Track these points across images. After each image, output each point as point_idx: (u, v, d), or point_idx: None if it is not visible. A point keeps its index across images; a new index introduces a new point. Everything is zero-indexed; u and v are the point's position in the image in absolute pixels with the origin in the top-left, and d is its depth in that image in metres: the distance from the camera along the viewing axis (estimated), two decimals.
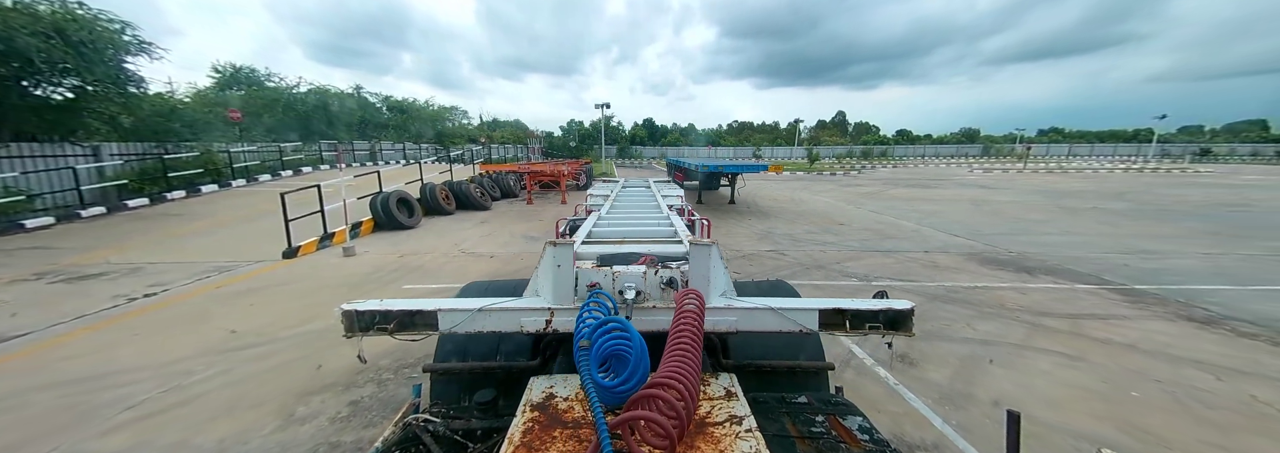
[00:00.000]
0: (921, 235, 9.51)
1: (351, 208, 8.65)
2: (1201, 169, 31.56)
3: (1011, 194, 17.38)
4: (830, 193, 17.60)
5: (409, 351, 4.08)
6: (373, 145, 28.59)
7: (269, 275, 6.61)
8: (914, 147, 65.99)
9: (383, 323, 1.75)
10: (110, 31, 12.67)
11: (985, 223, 11.01)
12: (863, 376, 3.72)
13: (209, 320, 4.93)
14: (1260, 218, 11.72)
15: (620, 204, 5.19)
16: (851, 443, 1.44)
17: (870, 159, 51.23)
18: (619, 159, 54.90)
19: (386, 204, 9.85)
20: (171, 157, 14.68)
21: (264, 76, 27.65)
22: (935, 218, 11.66)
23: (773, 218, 11.77)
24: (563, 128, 65.23)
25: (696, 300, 1.49)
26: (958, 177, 26.36)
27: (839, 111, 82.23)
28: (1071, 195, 16.82)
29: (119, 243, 8.60)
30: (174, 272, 6.76)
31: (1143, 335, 4.51)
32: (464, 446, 1.49)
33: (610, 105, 28.11)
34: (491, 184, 15.09)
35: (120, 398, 3.46)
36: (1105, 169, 31.74)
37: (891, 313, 1.73)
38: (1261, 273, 6.71)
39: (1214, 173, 28.50)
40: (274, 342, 4.37)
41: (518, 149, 38.76)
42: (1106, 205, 14.05)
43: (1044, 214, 12.40)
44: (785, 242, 8.86)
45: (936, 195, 16.90)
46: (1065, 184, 21.43)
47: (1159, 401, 3.39)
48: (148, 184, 13.50)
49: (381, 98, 34.72)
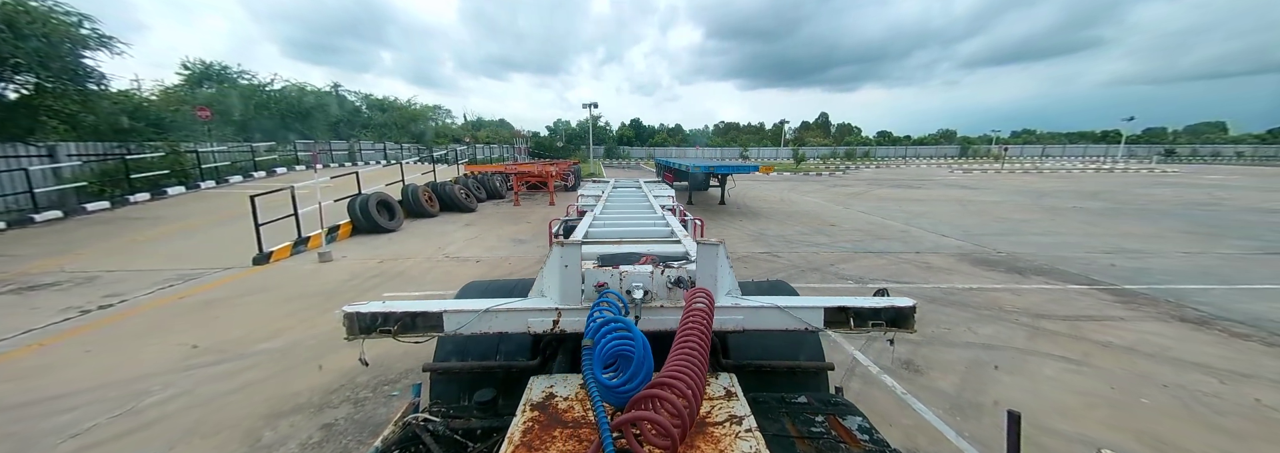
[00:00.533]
0: (911, 236, 9.52)
1: (328, 211, 8.26)
2: (1168, 169, 32.74)
3: (994, 194, 17.69)
4: (818, 193, 17.66)
5: (389, 366, 3.81)
6: (352, 145, 27.77)
7: (237, 284, 6.22)
8: (896, 147, 67.21)
9: (386, 325, 1.71)
10: (67, 25, 11.96)
11: (972, 223, 11.11)
12: (870, 385, 3.59)
13: (169, 334, 4.57)
14: (1230, 216, 12.08)
15: (613, 205, 5.13)
16: (851, 443, 1.44)
17: (853, 160, 51.94)
18: (606, 159, 54.63)
19: (365, 207, 9.46)
20: (135, 157, 13.95)
21: (236, 73, 26.64)
22: (923, 218, 11.72)
23: (764, 219, 11.69)
24: (549, 128, 64.61)
25: (706, 299, 1.48)
26: (939, 177, 26.81)
27: (822, 113, 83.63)
28: (1051, 195, 17.18)
29: (75, 249, 8.05)
30: (133, 281, 6.32)
31: (1140, 338, 4.49)
32: (464, 445, 1.48)
33: (598, 105, 27.81)
34: (477, 185, 14.72)
35: (66, 425, 3.12)
36: (1078, 169, 32.70)
37: (894, 310, 1.75)
38: (1242, 272, 6.84)
39: (1180, 173, 29.59)
40: (240, 358, 4.05)
41: (504, 149, 38.10)
42: (1085, 205, 14.36)
43: (1027, 214, 12.59)
44: (778, 243, 8.76)
45: (922, 196, 17.09)
46: (1044, 184, 21.94)
47: (1169, 407, 3.33)
48: (109, 186, 12.78)
49: (361, 96, 33.85)
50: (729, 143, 70.17)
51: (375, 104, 33.36)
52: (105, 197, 12.34)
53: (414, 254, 7.87)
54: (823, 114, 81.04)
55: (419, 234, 9.62)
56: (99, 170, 13.11)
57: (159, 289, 5.99)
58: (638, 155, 59.93)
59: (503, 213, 12.66)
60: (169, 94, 21.61)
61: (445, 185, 12.63)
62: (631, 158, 57.52)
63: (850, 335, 4.33)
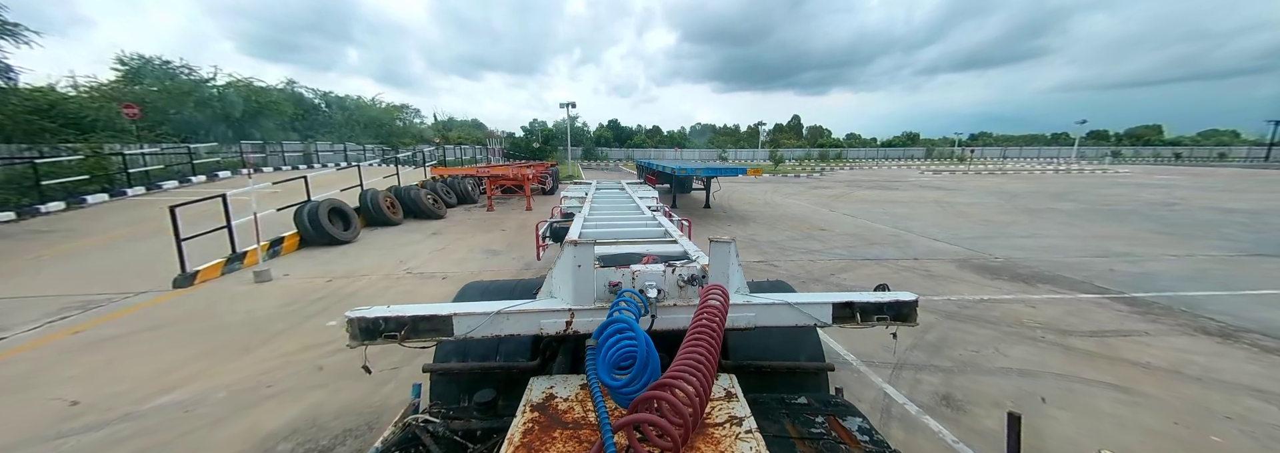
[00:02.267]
0: (903, 240, 9.23)
1: (272, 221, 7.26)
2: (1120, 170, 34.46)
3: (968, 195, 17.89)
4: (801, 195, 17.43)
5: (323, 428, 3.03)
6: (308, 146, 25.97)
7: (147, 313, 5.22)
8: (865, 149, 68.98)
9: (392, 330, 1.62)
10: None
11: (958, 226, 10.97)
12: (914, 431, 3.05)
13: (45, 386, 3.63)
14: (1196, 215, 12.41)
15: (599, 206, 5.09)
16: (851, 444, 1.43)
17: (826, 161, 52.86)
18: (585, 161, 53.71)
19: (315, 216, 8.45)
20: (48, 161, 12.33)
21: (178, 69, 24.47)
22: (910, 222, 11.53)
23: (753, 223, 11.23)
24: (525, 128, 63.23)
25: (721, 296, 1.47)
26: (911, 178, 27.26)
27: (794, 115, 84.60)
28: (1022, 196, 17.50)
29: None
30: (19, 311, 5.24)
31: (1176, 357, 4.15)
32: (464, 446, 1.47)
33: (576, 104, 26.95)
34: (446, 189, 13.73)
35: None
36: (1038, 170, 34.00)
37: (897, 305, 1.77)
38: (1236, 276, 6.76)
39: (1132, 173, 31.11)
40: (128, 419, 3.18)
41: (476, 150, 36.60)
42: (1057, 206, 14.58)
43: (1007, 215, 12.61)
44: (772, 250, 8.28)
45: (901, 197, 17.09)
46: (1011, 185, 22.50)
47: (1245, 446, 2.93)
48: (14, 195, 11.20)
49: (319, 94, 31.77)
50: (707, 144, 70.50)
51: (335, 102, 31.38)
52: (10, 207, 10.78)
53: (370, 270, 6.98)
54: (795, 117, 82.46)
55: (378, 246, 8.67)
56: (2, 176, 11.49)
57: (48, 322, 4.94)
58: (617, 157, 59.29)
59: (474, 220, 11.76)
60: (101, 91, 19.56)
61: (410, 190, 11.64)
62: (610, 159, 56.73)
63: (875, 367, 3.82)
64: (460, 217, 12.22)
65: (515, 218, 11.97)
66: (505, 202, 15.12)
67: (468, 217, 12.25)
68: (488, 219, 11.83)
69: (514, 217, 12.20)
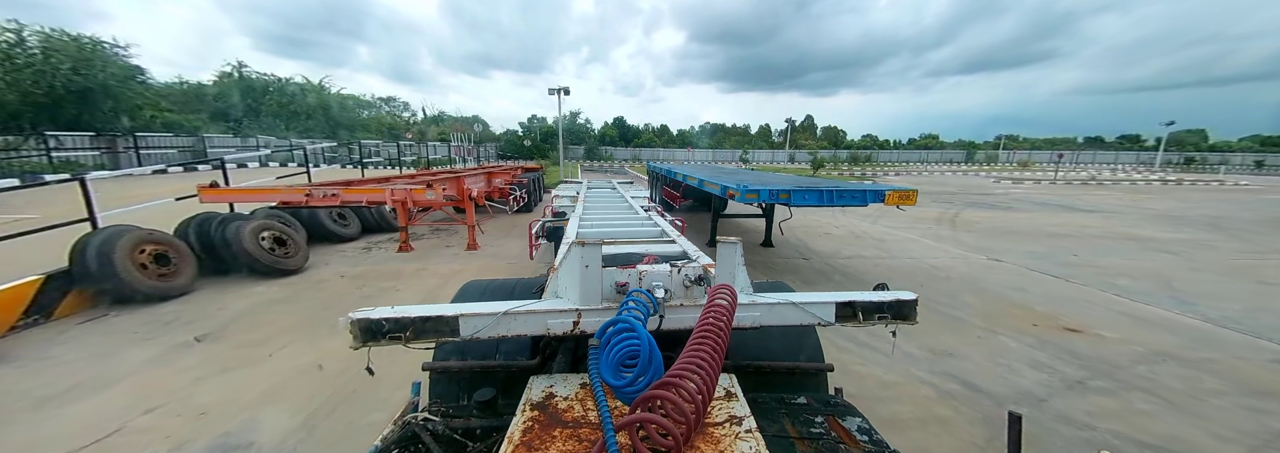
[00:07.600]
0: (1190, 329, 3.69)
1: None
2: (1242, 181, 28.44)
3: (1126, 219, 12.32)
4: (897, 220, 11.85)
5: None
6: (198, 143, 20.33)
7: None
8: (897, 152, 63.40)
9: (396, 331, 1.55)
10: None
11: (1230, 291, 5.43)
12: None
13: None
14: None
15: (592, 205, 5.10)
16: (851, 444, 1.43)
17: (858, 164, 47.17)
18: (587, 161, 48.34)
19: None
20: None
21: None
22: (1132, 281, 5.98)
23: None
24: (523, 125, 58.08)
25: (729, 295, 1.45)
26: (996, 191, 21.63)
27: (808, 115, 79.35)
28: (1186, 222, 11.88)
29: None
30: None
31: None
32: (463, 445, 1.46)
33: (570, 91, 21.34)
34: (334, 217, 8.33)
35: None
36: (1140, 180, 28.10)
37: (898, 304, 1.77)
38: None
39: (1255, 185, 25.24)
40: None
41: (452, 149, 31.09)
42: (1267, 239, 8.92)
43: (1230, 260, 7.00)
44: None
45: (1044, 225, 11.48)
46: (1150, 202, 16.83)
47: None
48: None
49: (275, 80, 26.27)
50: (718, 144, 65.24)
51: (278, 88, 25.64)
52: None
53: None
54: (808, 117, 77.28)
55: (60, 374, 3.26)
56: None
57: None
58: (622, 157, 53.85)
59: (355, 277, 6.33)
60: None
61: (232, 224, 6.20)
62: (615, 160, 51.22)
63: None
64: (335, 267, 6.79)
65: (440, 268, 6.57)
66: (449, 232, 9.73)
67: (351, 266, 6.83)
68: (381, 277, 6.39)
69: (438, 266, 6.79)
